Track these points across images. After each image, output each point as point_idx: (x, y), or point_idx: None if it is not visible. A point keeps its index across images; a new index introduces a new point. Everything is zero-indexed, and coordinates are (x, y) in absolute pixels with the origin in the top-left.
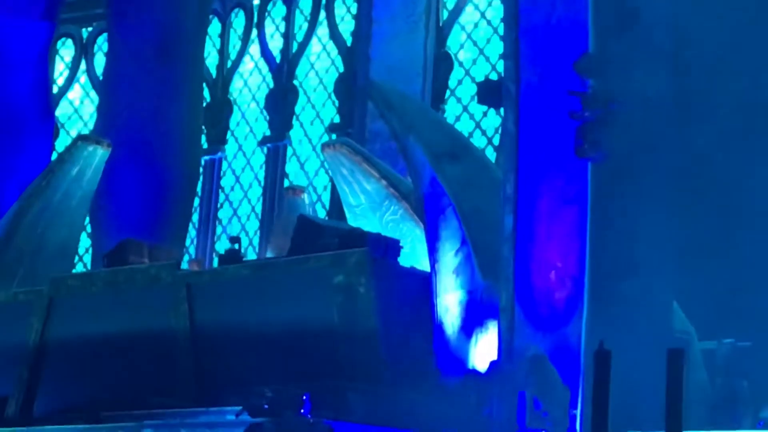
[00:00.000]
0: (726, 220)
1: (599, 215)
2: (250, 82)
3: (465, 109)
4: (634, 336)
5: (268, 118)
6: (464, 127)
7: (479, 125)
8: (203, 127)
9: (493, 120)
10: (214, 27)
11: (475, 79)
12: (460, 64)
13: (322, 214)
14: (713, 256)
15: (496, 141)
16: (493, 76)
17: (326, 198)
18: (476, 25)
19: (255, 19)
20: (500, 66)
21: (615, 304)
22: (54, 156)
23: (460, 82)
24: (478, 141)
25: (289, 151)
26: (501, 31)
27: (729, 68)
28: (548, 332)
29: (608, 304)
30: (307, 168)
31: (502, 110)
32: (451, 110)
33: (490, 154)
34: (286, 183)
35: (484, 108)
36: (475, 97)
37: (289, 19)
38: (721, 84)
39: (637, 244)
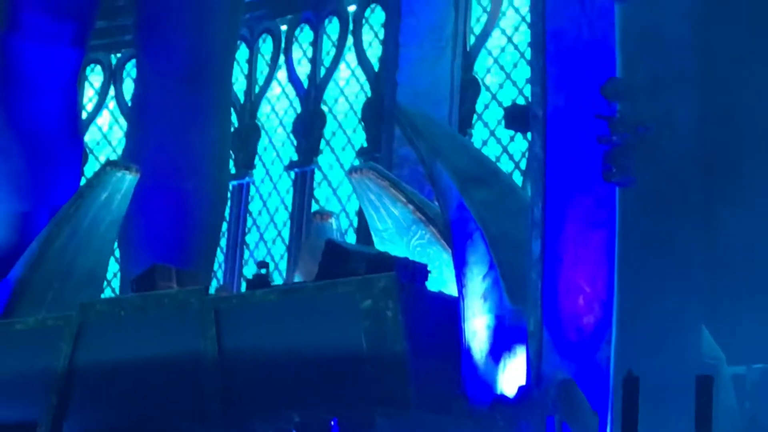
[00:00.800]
0: (756, 243)
1: (627, 239)
2: (278, 107)
3: (492, 133)
4: (664, 361)
5: (295, 143)
6: (491, 151)
7: (506, 149)
8: (231, 152)
9: (520, 144)
10: (242, 53)
11: (502, 104)
12: (487, 88)
13: (354, 239)
14: (743, 280)
15: (523, 165)
16: (520, 101)
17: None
18: (503, 50)
19: (282, 45)
20: (527, 90)
21: (644, 328)
22: (83, 181)
23: (487, 107)
24: (505, 165)
25: (319, 176)
26: (528, 55)
27: (755, 90)
28: (577, 357)
29: (637, 328)
30: (339, 193)
31: (529, 135)
32: (478, 134)
33: (517, 179)
34: (314, 207)
35: (512, 132)
36: (503, 122)
37: (316, 44)
38: (747, 106)
39: (666, 269)
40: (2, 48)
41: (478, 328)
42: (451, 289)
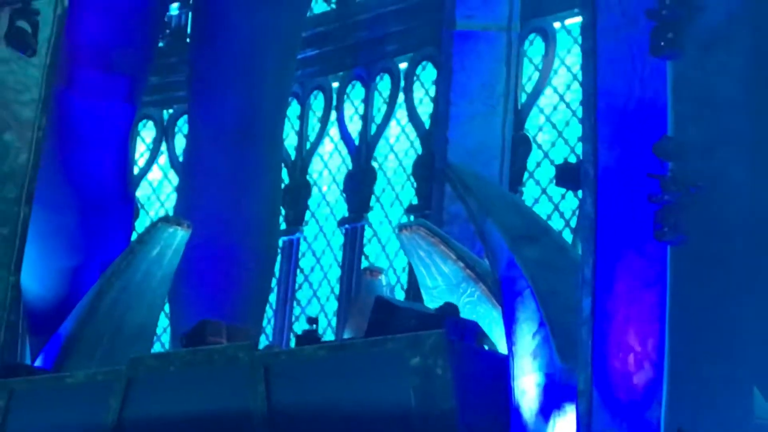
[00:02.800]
0: None
1: (679, 299)
2: (330, 163)
3: (544, 191)
4: (715, 422)
5: (346, 198)
6: (543, 209)
7: (557, 207)
8: (282, 208)
9: (571, 202)
10: (294, 109)
11: (554, 162)
12: (539, 146)
13: (401, 295)
14: None
15: (573, 223)
16: (572, 159)
17: (405, 279)
18: (555, 108)
19: (334, 101)
20: (579, 148)
21: (696, 389)
22: (134, 236)
23: (539, 165)
24: (556, 223)
25: (369, 232)
26: (579, 113)
27: None
28: (627, 417)
29: (689, 389)
30: (388, 250)
31: (579, 193)
32: (529, 192)
33: (567, 236)
34: (364, 264)
35: (563, 190)
36: (554, 180)
37: (367, 101)
38: None
39: (718, 329)
40: (57, 103)
41: (527, 386)
42: (501, 347)
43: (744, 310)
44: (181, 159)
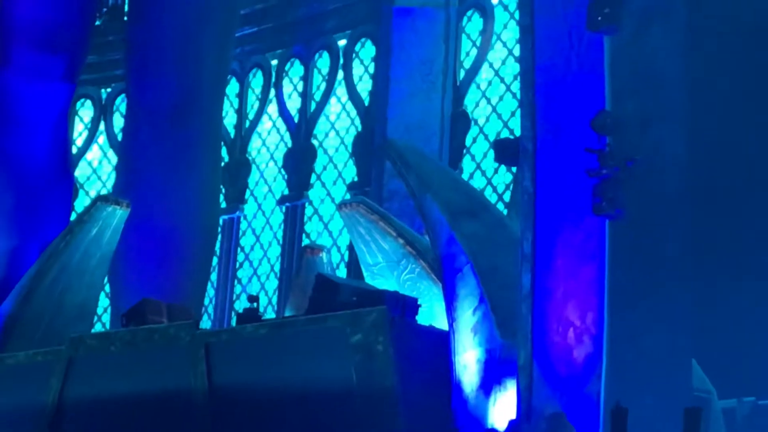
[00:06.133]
0: (746, 277)
1: (618, 273)
2: (269, 141)
3: (478, 166)
4: (654, 394)
5: (286, 177)
6: (476, 183)
7: (491, 182)
8: (222, 186)
9: (503, 176)
10: (232, 87)
11: (488, 137)
12: (475, 122)
13: (345, 273)
14: (735, 313)
15: (507, 197)
16: (505, 134)
17: (349, 257)
18: (490, 83)
19: (273, 79)
20: (512, 123)
21: (634, 363)
22: (73, 216)
23: (474, 140)
24: (489, 197)
25: (310, 210)
26: (513, 88)
27: (743, 125)
28: (567, 390)
29: (627, 362)
30: (331, 227)
31: (514, 168)
32: (465, 167)
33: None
34: (305, 242)
35: (495, 164)
36: (488, 154)
37: (307, 78)
38: (735, 141)
39: (655, 302)
40: None
41: (468, 361)
42: (442, 323)
43: (681, 283)
44: (120, 138)
